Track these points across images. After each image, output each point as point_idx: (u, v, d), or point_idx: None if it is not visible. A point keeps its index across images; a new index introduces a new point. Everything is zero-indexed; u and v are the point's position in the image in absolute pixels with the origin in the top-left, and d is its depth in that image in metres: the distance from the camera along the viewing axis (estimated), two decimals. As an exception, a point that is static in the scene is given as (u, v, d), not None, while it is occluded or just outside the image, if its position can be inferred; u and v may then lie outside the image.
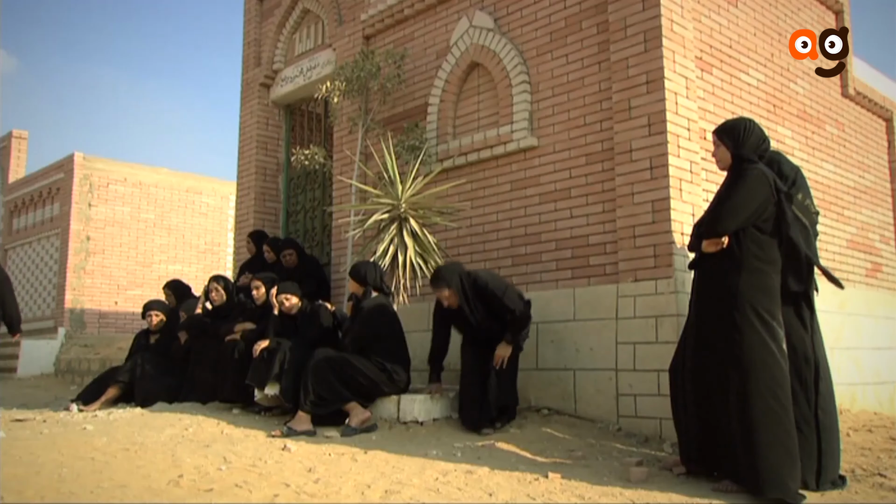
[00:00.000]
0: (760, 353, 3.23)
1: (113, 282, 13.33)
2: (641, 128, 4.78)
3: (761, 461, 3.14)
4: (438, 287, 4.75)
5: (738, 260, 3.33)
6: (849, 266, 6.53)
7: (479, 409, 4.63)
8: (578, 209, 5.15)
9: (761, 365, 3.22)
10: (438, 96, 6.15)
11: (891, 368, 6.61)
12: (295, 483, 3.29)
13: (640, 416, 4.54)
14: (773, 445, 3.14)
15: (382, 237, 5.37)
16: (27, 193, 14.48)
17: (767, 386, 3.20)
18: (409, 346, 5.09)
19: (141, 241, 13.73)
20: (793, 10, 6.29)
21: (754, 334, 3.25)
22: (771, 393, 3.20)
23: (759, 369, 3.22)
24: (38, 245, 14.03)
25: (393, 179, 5.49)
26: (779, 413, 3.19)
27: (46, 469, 3.36)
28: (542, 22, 5.55)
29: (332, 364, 4.71)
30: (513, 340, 4.69)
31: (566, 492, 3.26)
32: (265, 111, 8.40)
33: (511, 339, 4.69)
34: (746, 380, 3.22)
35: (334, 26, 7.43)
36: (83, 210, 13.11)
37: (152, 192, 13.99)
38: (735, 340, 3.27)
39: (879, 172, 7.36)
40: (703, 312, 3.46)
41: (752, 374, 3.21)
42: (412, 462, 3.78)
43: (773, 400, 3.19)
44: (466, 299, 4.71)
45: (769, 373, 3.22)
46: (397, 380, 4.85)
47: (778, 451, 3.14)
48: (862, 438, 4.63)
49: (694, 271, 3.63)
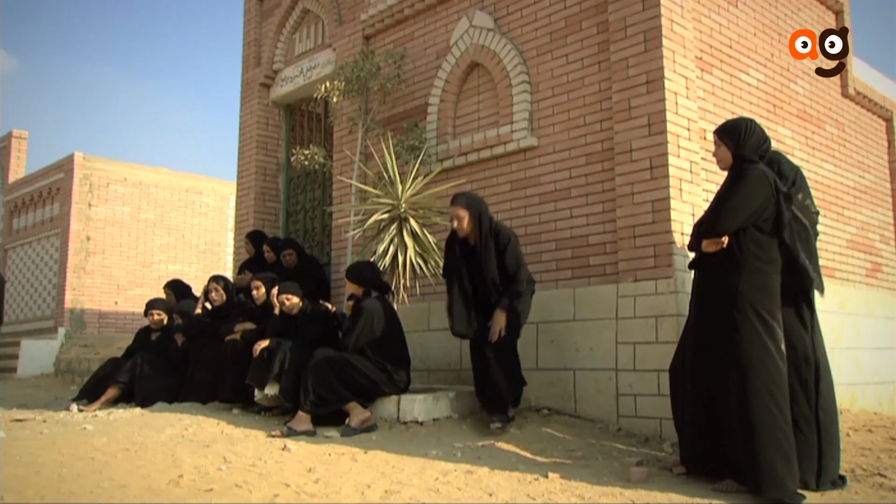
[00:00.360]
0: (758, 352, 3.23)
1: (113, 282, 13.33)
2: (641, 128, 4.78)
3: (759, 461, 3.14)
4: (456, 204, 4.62)
5: (738, 260, 3.33)
6: (849, 266, 6.53)
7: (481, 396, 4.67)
8: (578, 209, 5.15)
9: (759, 365, 3.22)
10: (438, 96, 6.15)
11: (891, 368, 6.62)
12: (295, 483, 3.29)
13: (640, 416, 4.54)
14: (770, 445, 3.15)
15: (382, 237, 5.37)
16: (27, 193, 14.48)
17: (765, 386, 3.21)
18: (409, 346, 5.09)
19: (141, 241, 13.73)
20: (793, 10, 6.29)
21: (753, 334, 3.25)
22: (768, 393, 3.20)
23: (757, 369, 3.22)
24: (38, 245, 14.03)
25: (393, 179, 5.49)
26: (775, 413, 3.19)
27: (46, 469, 3.36)
28: (542, 22, 5.55)
29: (332, 364, 4.70)
30: (508, 307, 4.50)
31: (566, 492, 3.26)
32: (265, 111, 8.40)
33: (506, 305, 4.50)
34: (745, 380, 3.22)
35: (334, 26, 7.43)
36: (83, 210, 13.10)
37: (152, 192, 13.99)
38: (734, 341, 3.27)
39: (879, 172, 7.36)
40: (703, 312, 3.47)
41: (751, 373, 3.22)
42: (412, 462, 3.78)
43: (770, 400, 3.19)
44: (480, 228, 4.60)
45: (766, 373, 3.22)
46: (397, 380, 4.85)
47: (775, 451, 3.14)
48: (862, 438, 4.63)
49: (694, 271, 3.63)
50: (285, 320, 5.42)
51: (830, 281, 6.19)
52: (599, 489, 3.30)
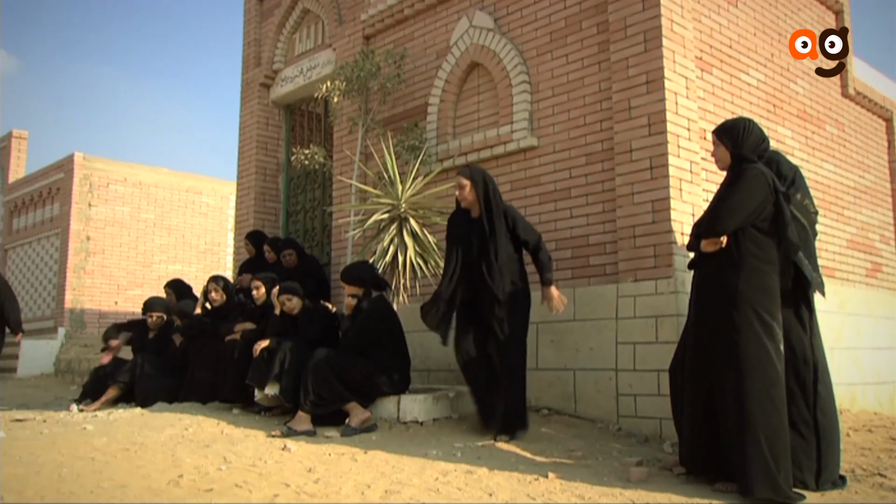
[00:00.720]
0: (757, 353, 3.23)
1: (113, 282, 13.33)
2: (641, 128, 4.78)
3: (752, 461, 3.14)
4: (460, 174, 4.54)
5: (737, 260, 3.33)
6: (849, 266, 6.53)
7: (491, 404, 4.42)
8: (578, 209, 5.15)
9: (757, 365, 3.22)
10: (438, 96, 6.15)
11: (891, 368, 6.62)
12: (295, 483, 3.29)
13: (640, 416, 4.54)
14: (763, 445, 3.14)
15: (382, 237, 5.38)
16: (27, 193, 14.49)
17: (762, 385, 3.21)
18: (410, 346, 5.09)
19: (141, 241, 13.73)
20: (793, 10, 6.29)
21: (752, 334, 3.25)
22: (765, 392, 3.20)
23: (755, 369, 3.22)
24: (38, 245, 14.03)
25: (393, 179, 5.49)
26: (770, 413, 3.19)
27: (46, 469, 3.36)
28: (542, 22, 5.55)
29: (333, 364, 4.70)
30: (551, 279, 4.44)
31: (566, 492, 3.26)
32: (265, 111, 8.40)
33: (549, 278, 4.43)
34: (743, 379, 3.22)
35: (334, 26, 7.43)
36: (83, 210, 13.11)
37: (152, 192, 13.99)
38: (733, 341, 3.27)
39: (879, 172, 7.36)
40: (702, 312, 3.46)
41: (748, 373, 3.22)
42: (412, 462, 3.78)
43: (766, 400, 3.19)
44: (485, 201, 4.45)
45: (763, 372, 3.22)
46: (397, 380, 4.84)
47: (768, 451, 3.14)
48: (862, 438, 4.63)
49: (693, 271, 3.63)
50: (285, 320, 5.42)
51: (830, 281, 6.19)
52: (599, 489, 3.30)
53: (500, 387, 4.40)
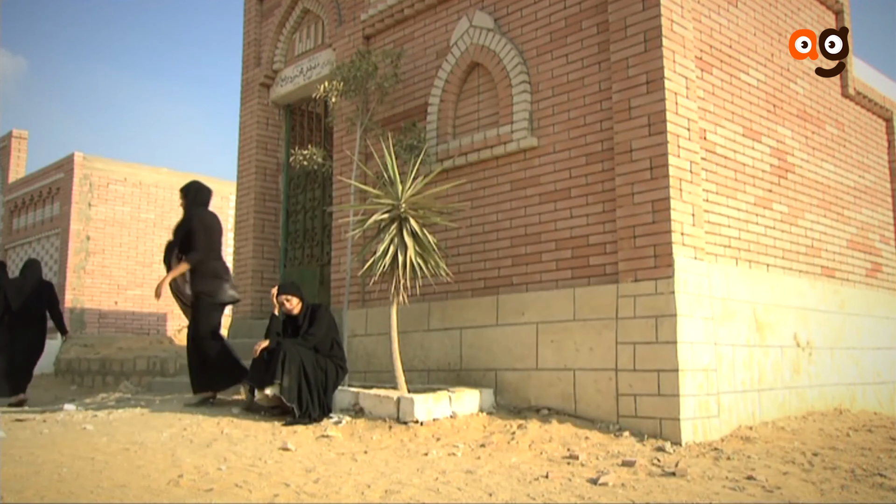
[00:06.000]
0: None
1: (113, 282, 13.33)
2: (641, 128, 4.78)
3: None
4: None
5: None
6: (849, 266, 6.53)
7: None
8: (578, 209, 5.15)
9: None
10: (438, 96, 6.15)
11: (891, 368, 6.62)
12: (295, 483, 3.30)
13: (640, 416, 4.54)
14: None
15: (382, 237, 5.37)
16: (27, 193, 14.48)
17: None
18: (409, 346, 5.11)
19: (141, 241, 13.73)
20: (793, 10, 6.29)
21: None
22: None
23: None
24: (38, 245, 14.03)
25: (393, 179, 5.48)
26: None
27: (46, 469, 3.36)
28: (542, 22, 5.55)
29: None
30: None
31: (566, 492, 3.26)
32: (265, 111, 8.40)
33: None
34: None
35: (334, 26, 7.43)
36: (83, 210, 13.11)
37: (152, 192, 13.99)
38: None
39: (879, 172, 7.36)
40: None
41: None
42: (412, 462, 3.78)
43: None
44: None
45: None
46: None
47: None
48: (862, 438, 4.63)
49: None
50: (285, 320, 5.43)
51: (830, 281, 6.19)
52: (599, 489, 3.30)
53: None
